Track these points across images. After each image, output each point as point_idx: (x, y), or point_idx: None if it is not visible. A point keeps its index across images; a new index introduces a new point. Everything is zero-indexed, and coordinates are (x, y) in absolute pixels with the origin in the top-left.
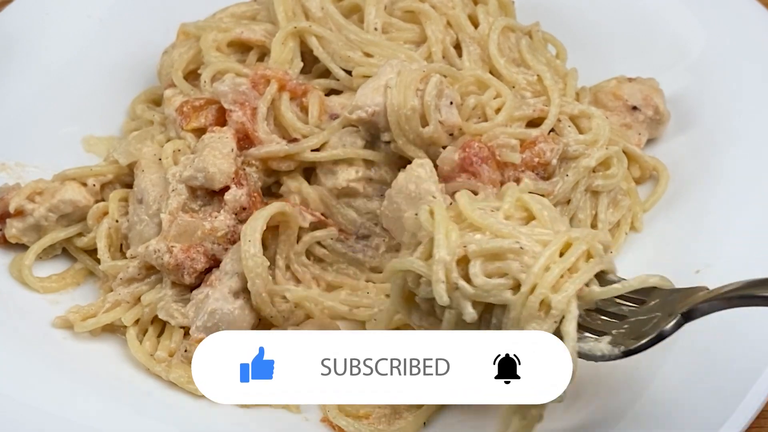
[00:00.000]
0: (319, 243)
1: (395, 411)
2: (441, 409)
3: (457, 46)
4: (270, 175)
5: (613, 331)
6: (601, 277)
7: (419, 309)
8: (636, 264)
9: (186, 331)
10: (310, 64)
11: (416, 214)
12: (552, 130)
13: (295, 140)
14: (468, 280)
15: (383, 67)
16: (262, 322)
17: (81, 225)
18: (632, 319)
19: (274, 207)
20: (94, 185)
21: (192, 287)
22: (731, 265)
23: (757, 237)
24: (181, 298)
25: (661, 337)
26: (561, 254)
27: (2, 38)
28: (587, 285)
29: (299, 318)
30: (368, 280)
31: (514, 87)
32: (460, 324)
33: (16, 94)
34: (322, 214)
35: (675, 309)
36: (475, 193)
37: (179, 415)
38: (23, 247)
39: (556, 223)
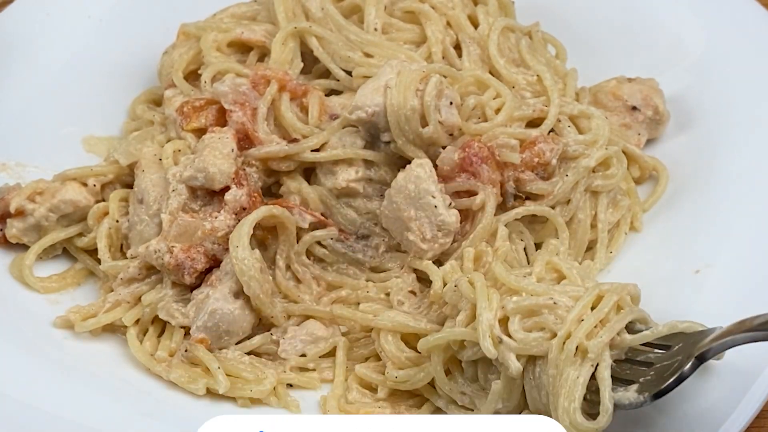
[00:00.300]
0: (319, 243)
1: (395, 411)
2: (440, 409)
3: (457, 47)
4: (270, 175)
5: (641, 379)
6: (631, 327)
7: (463, 375)
8: (635, 264)
9: (186, 331)
10: (310, 64)
11: (455, 286)
12: (552, 130)
13: (295, 140)
14: (509, 336)
15: (383, 67)
16: (263, 322)
17: (81, 225)
18: (658, 365)
19: (261, 211)
20: (94, 185)
21: (192, 287)
22: (731, 265)
23: (757, 237)
24: (181, 298)
25: (680, 380)
26: (593, 308)
27: (2, 38)
28: (618, 335)
29: (300, 318)
30: (368, 279)
31: (513, 87)
32: (507, 384)
33: (17, 94)
34: (322, 214)
35: (692, 351)
36: (475, 194)
37: (179, 415)
38: (24, 247)
39: (586, 279)
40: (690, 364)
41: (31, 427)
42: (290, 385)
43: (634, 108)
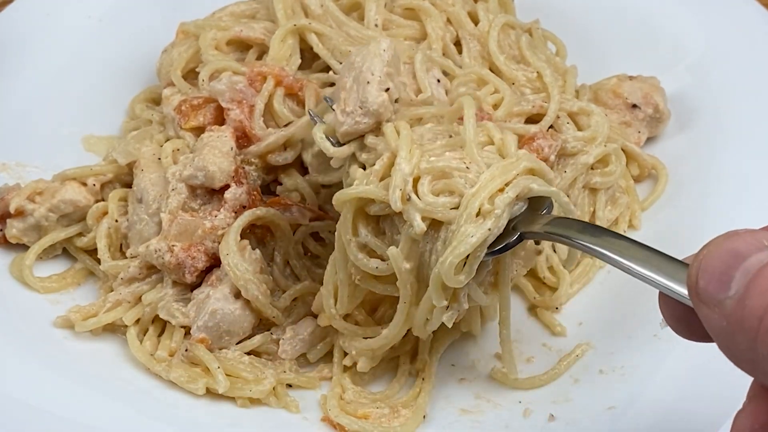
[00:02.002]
0: (315, 238)
1: (393, 410)
2: (440, 404)
3: (457, 43)
4: (269, 172)
5: None
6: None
7: (367, 227)
8: None
9: (187, 331)
10: (310, 60)
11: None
12: (551, 126)
13: (289, 123)
14: (418, 196)
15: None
16: (263, 321)
17: (81, 225)
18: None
19: (245, 217)
20: (94, 185)
21: (193, 286)
22: None
23: None
24: (182, 297)
25: (503, 249)
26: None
27: (2, 38)
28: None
29: (299, 315)
30: None
31: (513, 84)
32: (406, 245)
33: (16, 94)
34: (319, 208)
35: (521, 228)
36: None
37: (179, 415)
38: (24, 247)
39: (512, 148)
40: (514, 237)
41: (31, 427)
42: (290, 385)
43: (634, 106)
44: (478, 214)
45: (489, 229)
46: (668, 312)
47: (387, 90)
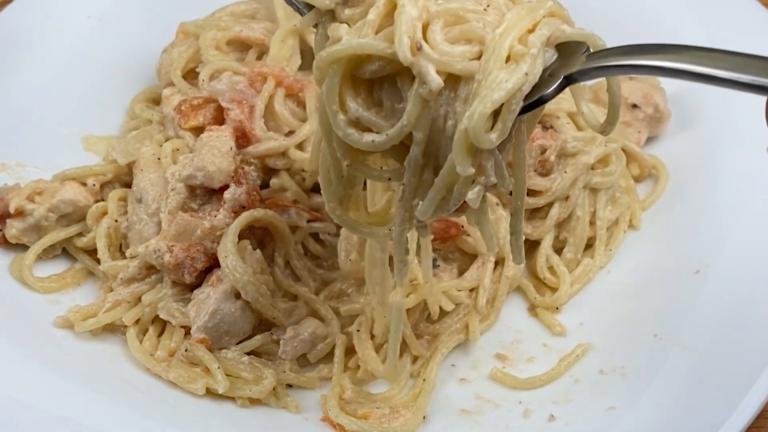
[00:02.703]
0: (315, 239)
1: (393, 410)
2: (440, 404)
3: None
4: (268, 173)
5: None
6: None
7: (357, 97)
8: (635, 262)
9: (187, 331)
10: (310, 61)
11: None
12: (551, 126)
13: (291, 133)
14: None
15: None
16: (264, 321)
17: (81, 225)
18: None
19: (242, 218)
20: (93, 185)
21: (192, 286)
22: (731, 264)
23: (757, 236)
24: (181, 297)
25: (540, 102)
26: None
27: (1, 38)
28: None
29: (300, 316)
30: None
31: None
32: (416, 107)
33: (16, 94)
34: (315, 210)
35: (560, 72)
36: None
37: (179, 415)
38: (23, 247)
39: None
40: (556, 83)
41: (30, 427)
42: (290, 386)
43: (634, 106)
44: (507, 60)
45: (525, 74)
46: None
47: None
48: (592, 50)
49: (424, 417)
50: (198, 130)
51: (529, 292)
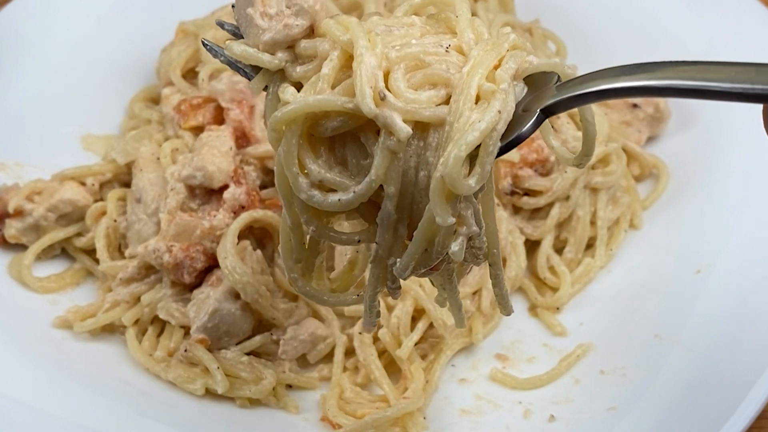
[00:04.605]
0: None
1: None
2: (440, 404)
3: None
4: (268, 173)
5: None
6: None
7: (318, 159)
8: (635, 262)
9: (186, 331)
10: None
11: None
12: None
13: None
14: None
15: None
16: (263, 322)
17: (80, 225)
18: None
19: (242, 219)
20: (93, 185)
21: (191, 286)
22: (732, 264)
23: (757, 236)
24: (180, 297)
25: (519, 140)
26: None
27: (1, 37)
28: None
29: (300, 316)
30: None
31: None
32: (384, 161)
33: (15, 94)
34: None
35: (534, 107)
36: None
37: (179, 415)
38: (23, 247)
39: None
40: (534, 117)
41: (30, 427)
42: (289, 386)
43: (634, 105)
44: (477, 100)
45: (498, 111)
46: None
47: None
48: (562, 79)
49: (424, 417)
50: (197, 130)
51: (531, 292)
